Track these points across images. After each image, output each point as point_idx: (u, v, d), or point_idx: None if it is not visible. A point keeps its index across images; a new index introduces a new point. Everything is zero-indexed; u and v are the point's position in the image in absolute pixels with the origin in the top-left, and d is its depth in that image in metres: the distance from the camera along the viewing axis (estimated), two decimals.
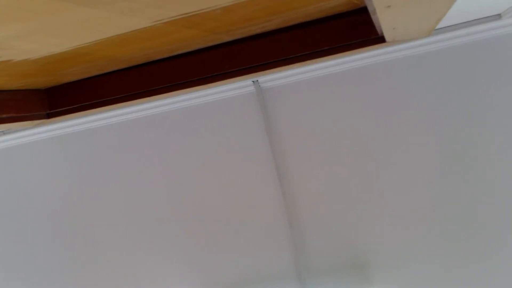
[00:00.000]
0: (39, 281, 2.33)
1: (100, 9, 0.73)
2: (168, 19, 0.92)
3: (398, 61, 1.95)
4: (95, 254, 2.27)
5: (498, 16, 1.81)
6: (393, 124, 1.98)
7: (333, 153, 2.03)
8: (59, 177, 2.27)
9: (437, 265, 1.99)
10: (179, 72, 1.50)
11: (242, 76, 1.49)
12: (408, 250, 2.01)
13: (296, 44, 1.41)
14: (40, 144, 2.27)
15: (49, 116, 1.61)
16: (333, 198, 2.04)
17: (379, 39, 1.38)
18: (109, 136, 2.21)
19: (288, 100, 2.04)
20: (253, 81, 2.02)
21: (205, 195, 2.15)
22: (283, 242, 2.10)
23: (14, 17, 0.68)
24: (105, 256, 2.26)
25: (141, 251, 2.23)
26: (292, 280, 2.10)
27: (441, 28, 1.85)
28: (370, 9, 0.93)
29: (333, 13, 1.36)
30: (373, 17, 1.06)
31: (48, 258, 2.31)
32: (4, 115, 1.37)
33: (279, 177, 2.06)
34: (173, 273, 2.20)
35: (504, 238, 1.94)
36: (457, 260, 1.98)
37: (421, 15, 0.93)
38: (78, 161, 2.25)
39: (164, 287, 2.21)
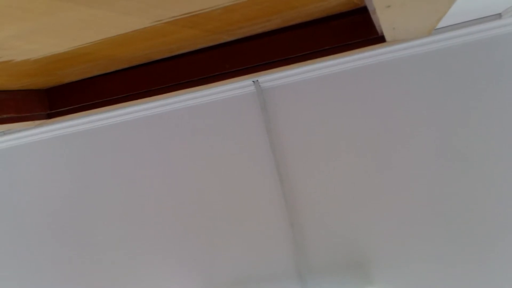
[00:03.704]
0: (39, 280, 2.33)
1: (100, 9, 0.73)
2: (169, 19, 0.92)
3: (398, 61, 1.95)
4: (96, 254, 2.27)
5: (498, 16, 1.81)
6: (393, 123, 1.98)
7: (333, 153, 2.03)
8: (60, 177, 2.27)
9: (437, 264, 1.99)
10: (179, 72, 1.50)
11: (242, 76, 1.49)
12: (408, 249, 2.01)
13: (296, 44, 1.41)
14: (40, 144, 2.27)
15: (49, 116, 1.61)
16: (333, 198, 2.04)
17: (379, 39, 1.38)
18: (110, 136, 2.21)
19: (288, 100, 2.04)
20: (253, 81, 2.02)
21: (205, 195, 2.15)
22: (283, 242, 2.10)
23: (14, 17, 0.68)
24: (106, 256, 2.26)
25: (141, 250, 2.23)
26: (293, 279, 2.10)
27: (441, 28, 1.85)
28: (370, 9, 0.93)
29: (333, 13, 1.36)
30: (373, 17, 1.07)
31: (49, 258, 2.31)
32: (4, 115, 1.37)
33: (279, 176, 2.06)
34: (173, 273, 2.20)
35: (504, 237, 1.94)
36: (457, 259, 1.98)
37: (421, 15, 0.93)
38: (78, 161, 2.25)
39: (164, 287, 2.21)
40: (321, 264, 2.08)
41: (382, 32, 1.24)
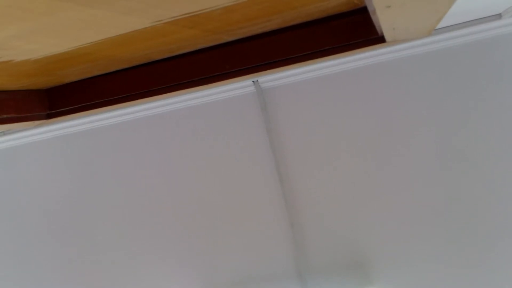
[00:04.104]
0: (39, 280, 2.33)
1: (100, 9, 0.73)
2: (169, 19, 0.92)
3: (398, 61, 1.95)
4: (96, 254, 2.27)
5: (499, 16, 1.81)
6: (393, 124, 1.98)
7: (333, 153, 2.03)
8: (60, 177, 2.27)
9: (437, 264, 1.99)
10: (179, 72, 1.50)
11: (242, 76, 1.49)
12: (408, 249, 2.01)
13: (296, 44, 1.41)
14: (40, 144, 2.27)
15: (49, 116, 1.61)
16: (333, 198, 2.04)
17: (379, 39, 1.39)
18: (110, 136, 2.21)
19: (288, 100, 2.04)
20: (253, 81, 2.02)
21: (205, 195, 2.15)
22: (283, 242, 2.10)
23: (14, 17, 0.68)
24: (106, 256, 2.26)
25: (141, 250, 2.23)
26: (293, 279, 2.10)
27: (441, 28, 1.85)
28: (370, 9, 0.93)
29: (333, 13, 1.36)
30: (373, 17, 1.07)
31: (49, 258, 2.31)
32: (4, 116, 1.37)
33: (279, 177, 2.06)
34: (173, 273, 2.20)
35: (504, 237, 1.94)
36: (457, 259, 1.97)
37: (421, 15, 0.93)
38: (78, 161, 2.25)
39: (164, 287, 2.21)
40: (321, 264, 2.08)
41: (382, 32, 1.24)
